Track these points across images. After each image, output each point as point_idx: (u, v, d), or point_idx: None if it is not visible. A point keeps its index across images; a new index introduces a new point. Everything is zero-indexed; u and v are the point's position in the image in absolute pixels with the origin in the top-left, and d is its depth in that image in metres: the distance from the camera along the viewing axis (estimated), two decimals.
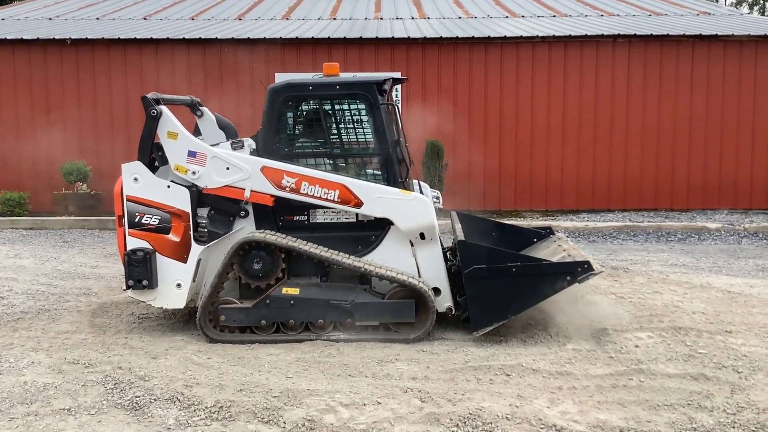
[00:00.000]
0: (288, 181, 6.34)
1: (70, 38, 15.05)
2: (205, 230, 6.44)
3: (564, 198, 15.03)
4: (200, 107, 7.32)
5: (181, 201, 6.32)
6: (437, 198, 7.50)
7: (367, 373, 5.33)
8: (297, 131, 6.92)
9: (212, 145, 6.58)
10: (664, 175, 14.87)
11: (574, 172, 14.95)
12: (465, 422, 4.41)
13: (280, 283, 6.36)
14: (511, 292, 6.11)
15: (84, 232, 13.07)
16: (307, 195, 6.34)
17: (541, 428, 4.36)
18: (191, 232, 6.33)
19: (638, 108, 14.84)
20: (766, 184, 14.83)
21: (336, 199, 6.32)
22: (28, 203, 14.31)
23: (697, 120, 14.80)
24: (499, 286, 6.11)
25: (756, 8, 45.83)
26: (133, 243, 6.31)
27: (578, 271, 6.05)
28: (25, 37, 15.14)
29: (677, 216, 14.10)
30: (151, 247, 6.30)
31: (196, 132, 7.20)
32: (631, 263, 9.72)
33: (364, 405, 4.69)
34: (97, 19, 18.80)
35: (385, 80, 6.62)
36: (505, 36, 14.97)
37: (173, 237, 6.31)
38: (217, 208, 6.51)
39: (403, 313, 6.23)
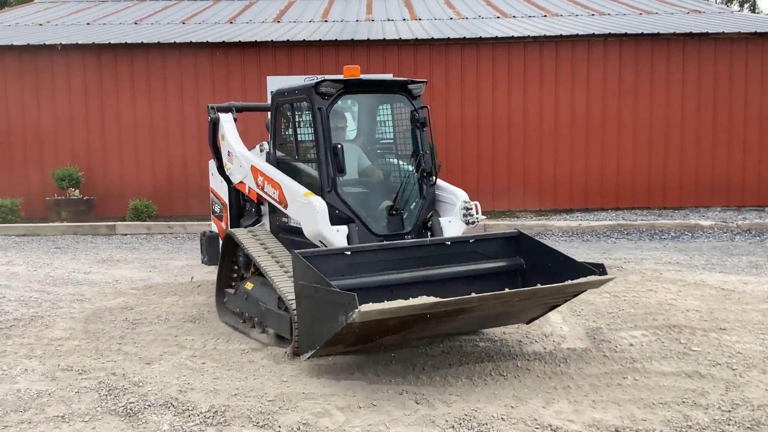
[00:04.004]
0: (260, 180, 6.62)
1: (61, 44, 15.00)
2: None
3: (557, 197, 15.06)
4: None
5: (226, 193, 7.50)
6: (467, 210, 6.36)
7: (361, 376, 5.32)
8: (283, 135, 7.01)
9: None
10: (657, 173, 14.91)
11: (567, 171, 14.98)
12: (460, 423, 4.40)
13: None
14: None
15: (77, 237, 13.02)
16: (267, 194, 6.59)
17: (537, 428, 4.35)
18: (230, 221, 7.48)
19: (630, 106, 14.88)
20: (758, 181, 14.89)
21: (277, 199, 6.41)
22: (21, 210, 14.26)
23: (689, 118, 14.85)
24: None
25: (746, 5, 46.02)
26: (213, 227, 7.86)
27: None
28: (15, 43, 15.09)
29: (670, 214, 14.13)
30: (216, 231, 7.69)
31: None
32: (624, 262, 9.73)
33: (360, 408, 4.68)
34: (88, 24, 18.75)
35: (319, 83, 6.16)
36: (496, 36, 14.99)
37: (224, 224, 7.52)
38: (251, 201, 7.21)
39: None
